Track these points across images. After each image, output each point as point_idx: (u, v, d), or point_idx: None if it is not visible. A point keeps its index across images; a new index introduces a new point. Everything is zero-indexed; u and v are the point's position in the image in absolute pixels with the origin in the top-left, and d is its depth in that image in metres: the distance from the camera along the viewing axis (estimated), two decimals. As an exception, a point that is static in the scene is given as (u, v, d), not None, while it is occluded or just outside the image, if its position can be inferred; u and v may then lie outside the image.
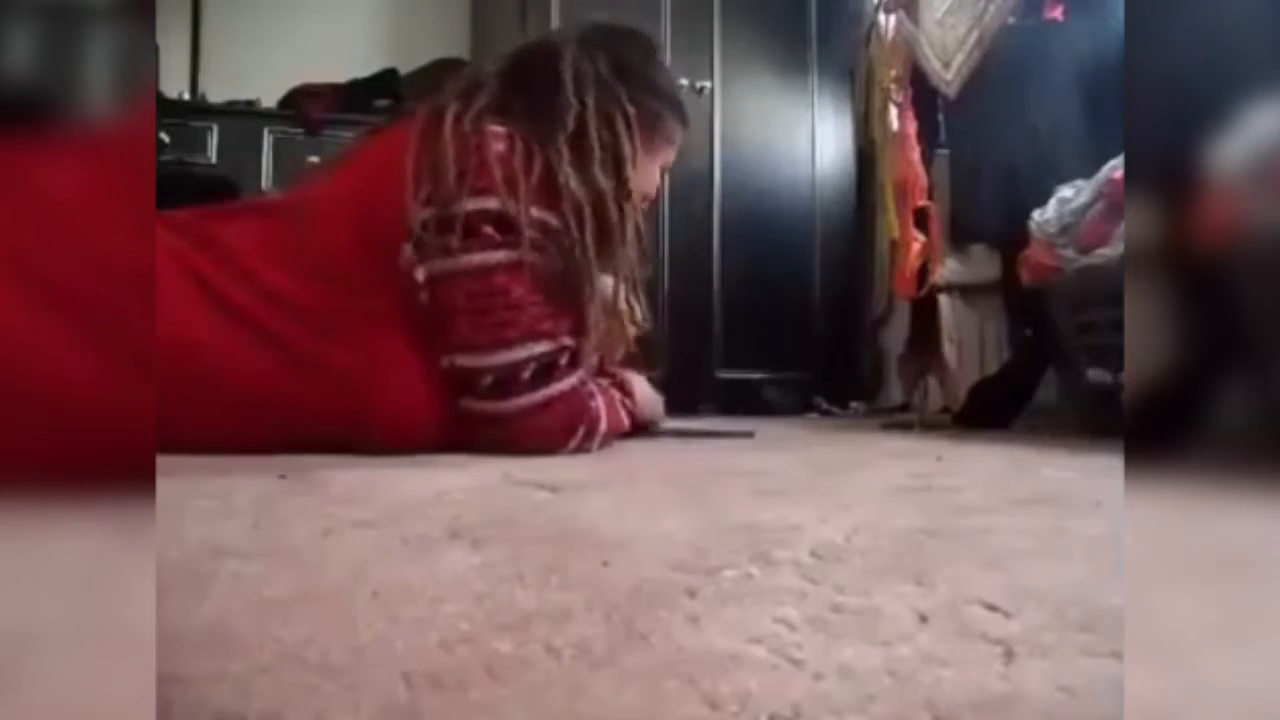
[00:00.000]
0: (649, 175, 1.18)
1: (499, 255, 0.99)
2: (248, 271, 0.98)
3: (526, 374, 1.00)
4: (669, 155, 1.23)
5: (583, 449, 1.07)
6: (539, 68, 1.10)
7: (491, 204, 0.98)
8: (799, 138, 2.77)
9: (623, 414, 1.20)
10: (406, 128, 1.06)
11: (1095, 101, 1.88)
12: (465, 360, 1.00)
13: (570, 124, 1.04)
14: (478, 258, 0.98)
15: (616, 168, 1.07)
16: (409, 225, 0.97)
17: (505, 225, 0.98)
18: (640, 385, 1.33)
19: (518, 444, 1.02)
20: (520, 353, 0.99)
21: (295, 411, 0.98)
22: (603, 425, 1.10)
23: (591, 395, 1.10)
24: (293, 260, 1.00)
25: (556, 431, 1.04)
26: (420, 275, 0.98)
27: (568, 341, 1.05)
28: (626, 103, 1.10)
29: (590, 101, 1.07)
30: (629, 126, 1.09)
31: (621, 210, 1.08)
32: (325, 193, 1.09)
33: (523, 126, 1.04)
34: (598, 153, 1.06)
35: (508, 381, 1.00)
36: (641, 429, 1.34)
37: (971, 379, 2.13)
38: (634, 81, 1.12)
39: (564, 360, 1.04)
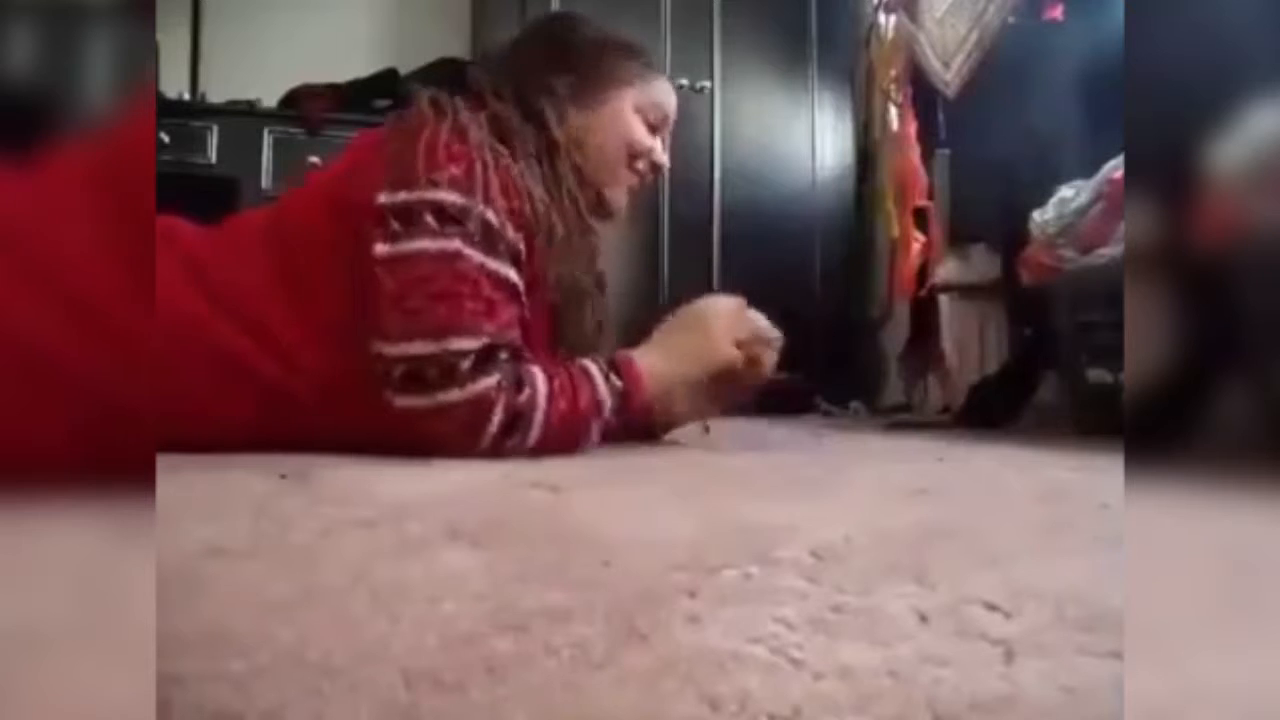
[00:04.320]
0: (625, 123, 1.14)
1: (432, 244, 0.95)
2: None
3: (434, 371, 0.93)
4: (645, 96, 1.16)
5: (510, 449, 0.95)
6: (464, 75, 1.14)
7: (435, 195, 0.96)
8: (799, 138, 2.77)
9: (600, 397, 1.01)
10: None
11: (1095, 101, 1.88)
12: (380, 347, 0.95)
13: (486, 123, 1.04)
14: (411, 245, 0.96)
15: (551, 157, 1.08)
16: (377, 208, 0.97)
17: (446, 217, 0.96)
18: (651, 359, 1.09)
19: (419, 445, 0.94)
20: (431, 346, 0.93)
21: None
22: (538, 419, 0.96)
23: (518, 389, 0.95)
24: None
25: (455, 435, 0.94)
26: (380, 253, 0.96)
27: (499, 338, 0.95)
28: (550, 75, 1.11)
29: (505, 94, 1.08)
30: (554, 95, 1.09)
31: (565, 202, 1.07)
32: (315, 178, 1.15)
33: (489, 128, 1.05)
34: (530, 145, 1.06)
35: (413, 376, 0.94)
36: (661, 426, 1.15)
37: (971, 379, 2.13)
38: (558, 55, 1.13)
39: (480, 359, 0.94)
